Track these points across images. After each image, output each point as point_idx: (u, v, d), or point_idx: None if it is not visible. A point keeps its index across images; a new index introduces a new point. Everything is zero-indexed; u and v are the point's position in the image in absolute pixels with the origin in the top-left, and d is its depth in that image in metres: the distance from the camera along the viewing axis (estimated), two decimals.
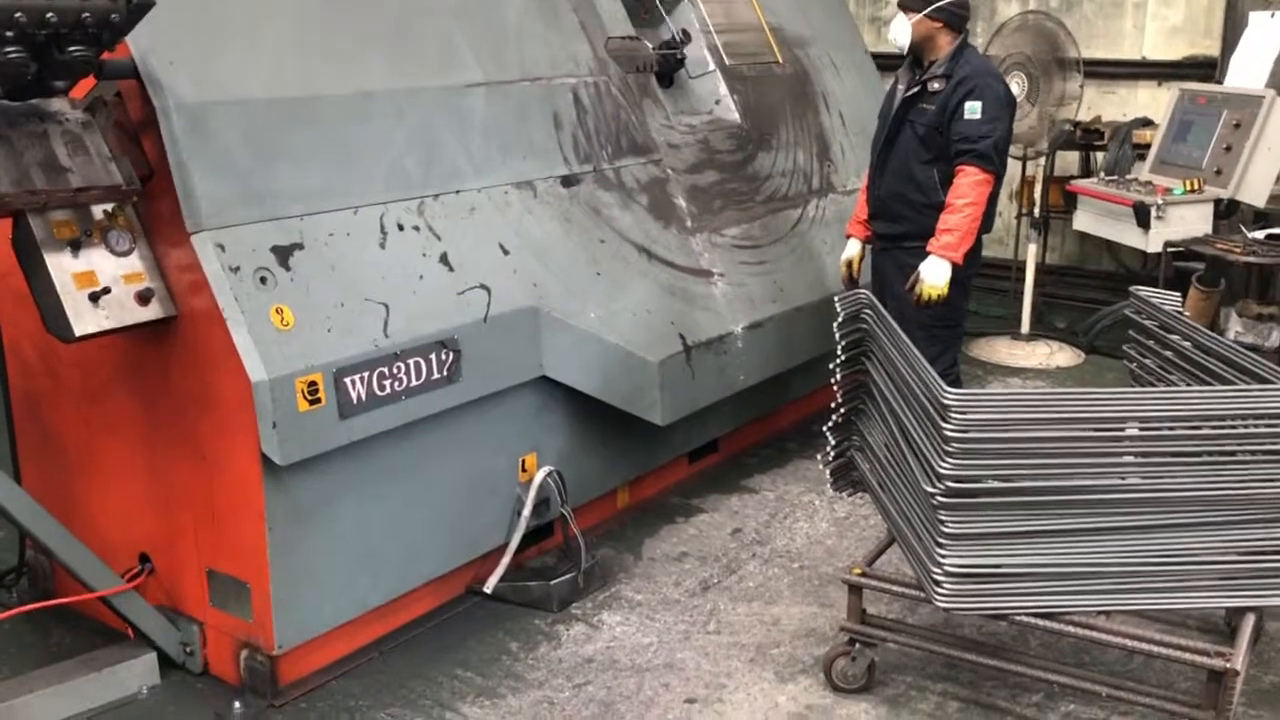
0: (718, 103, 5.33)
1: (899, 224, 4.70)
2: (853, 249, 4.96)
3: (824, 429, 3.80)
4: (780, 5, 5.95)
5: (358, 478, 3.57)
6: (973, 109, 4.42)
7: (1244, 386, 3.30)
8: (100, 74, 3.18)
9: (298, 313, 3.35)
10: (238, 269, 3.27)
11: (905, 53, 4.64)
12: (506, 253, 4.02)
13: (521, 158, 4.24)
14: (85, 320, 3.20)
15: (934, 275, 4.44)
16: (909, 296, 4.48)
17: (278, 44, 3.59)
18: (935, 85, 4.52)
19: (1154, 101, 7.46)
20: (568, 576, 4.12)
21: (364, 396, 3.46)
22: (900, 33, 4.57)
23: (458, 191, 3.96)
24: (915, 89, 4.59)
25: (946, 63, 4.52)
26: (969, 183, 4.42)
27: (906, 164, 4.62)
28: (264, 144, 3.44)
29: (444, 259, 3.81)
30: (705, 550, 4.56)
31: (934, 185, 4.56)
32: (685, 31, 5.29)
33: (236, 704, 3.48)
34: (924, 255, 4.48)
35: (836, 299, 3.65)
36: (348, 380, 3.41)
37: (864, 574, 3.55)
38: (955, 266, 4.45)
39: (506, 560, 4.10)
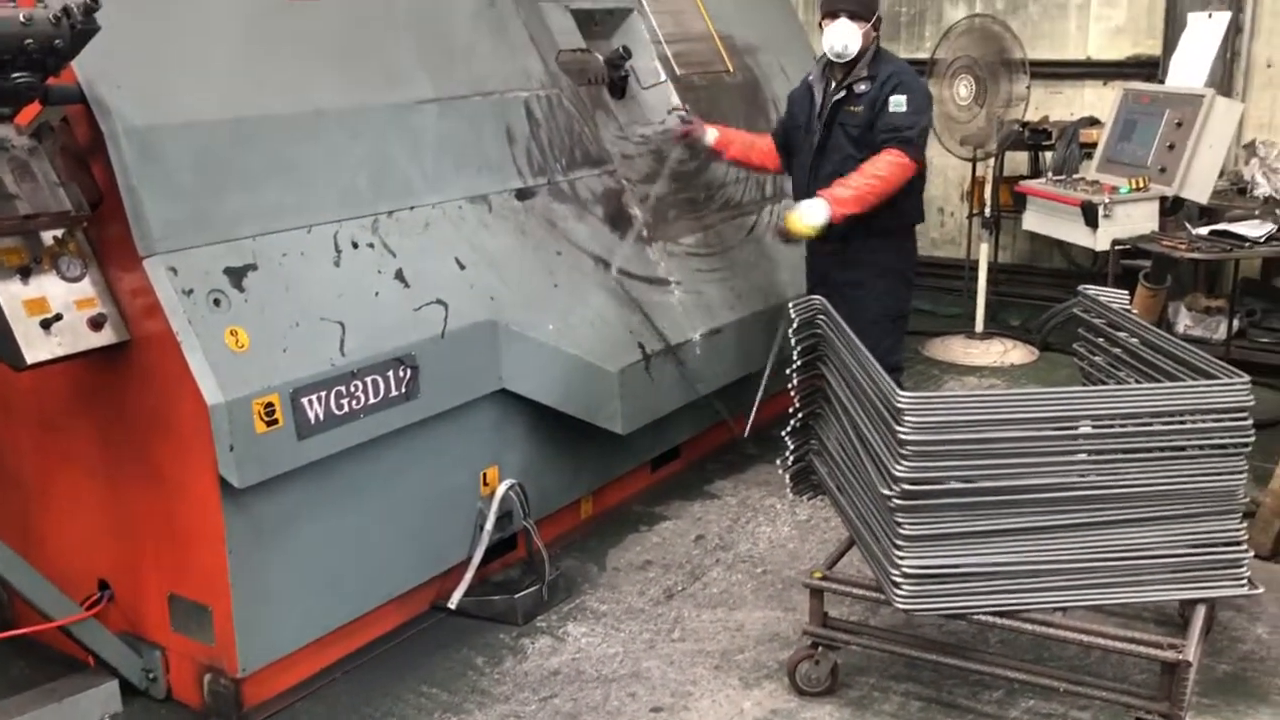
0: (670, 112, 5.36)
1: (840, 223, 4.76)
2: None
3: (783, 434, 3.83)
4: (730, 14, 5.99)
5: (318, 497, 3.56)
6: (898, 102, 4.59)
7: (1192, 383, 3.37)
8: (46, 100, 3.15)
9: (252, 334, 3.34)
10: (191, 292, 3.25)
11: (844, 60, 4.67)
12: (463, 267, 4.03)
13: (475, 172, 4.24)
14: (37, 348, 3.17)
15: (810, 214, 4.54)
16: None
17: (225, 65, 3.57)
18: (861, 87, 4.67)
19: (1100, 101, 7.56)
20: (532, 589, 4.13)
21: (322, 416, 3.45)
22: (850, 40, 4.60)
23: (411, 207, 3.96)
24: (842, 93, 4.67)
25: (870, 64, 4.67)
26: (888, 160, 4.55)
27: (843, 166, 4.69)
28: (214, 165, 3.42)
29: (399, 275, 3.81)
30: (669, 558, 4.58)
31: None
32: (625, 48, 5.30)
33: None
34: (869, 249, 4.66)
35: (790, 305, 3.69)
36: (305, 400, 3.40)
37: (825, 577, 3.59)
38: (894, 257, 4.62)
39: (470, 575, 4.09)
